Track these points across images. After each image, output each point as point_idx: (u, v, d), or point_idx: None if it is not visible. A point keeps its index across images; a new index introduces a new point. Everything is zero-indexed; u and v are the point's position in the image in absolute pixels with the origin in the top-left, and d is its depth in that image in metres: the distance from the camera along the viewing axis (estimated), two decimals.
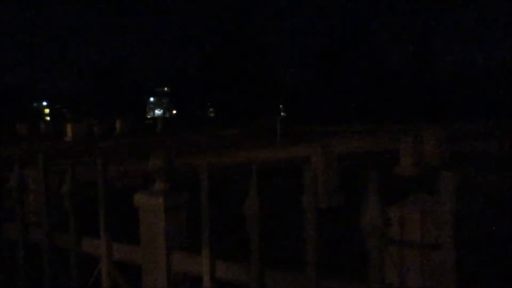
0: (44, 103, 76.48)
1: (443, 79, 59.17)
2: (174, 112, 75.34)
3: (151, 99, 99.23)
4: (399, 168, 11.39)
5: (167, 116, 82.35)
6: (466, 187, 9.47)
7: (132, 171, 13.31)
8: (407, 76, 58.16)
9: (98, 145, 22.15)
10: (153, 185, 2.48)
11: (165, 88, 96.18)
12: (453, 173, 1.61)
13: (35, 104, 73.36)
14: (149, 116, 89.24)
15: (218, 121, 51.71)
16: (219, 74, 60.15)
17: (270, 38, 64.38)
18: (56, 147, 23.26)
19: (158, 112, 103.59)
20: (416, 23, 60.61)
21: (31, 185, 6.99)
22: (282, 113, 64.03)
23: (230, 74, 59.20)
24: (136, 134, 31.35)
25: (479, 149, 15.10)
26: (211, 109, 70.36)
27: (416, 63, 59.13)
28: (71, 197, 2.77)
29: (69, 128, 28.94)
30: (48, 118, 59.93)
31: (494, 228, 6.70)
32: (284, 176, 11.60)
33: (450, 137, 13.71)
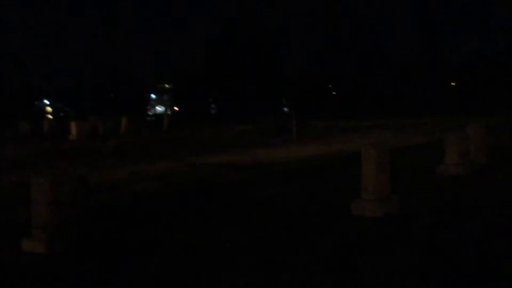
0: (46, 101, 75.33)
1: (451, 71, 58.18)
2: (176, 109, 74.32)
3: (152, 96, 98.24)
4: (444, 167, 10.30)
5: (169, 113, 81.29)
6: None
7: (148, 172, 12.26)
8: (416, 69, 57.16)
9: (107, 144, 21.11)
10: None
11: (166, 85, 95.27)
12: None
13: (36, 103, 72.20)
14: (150, 113, 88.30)
15: (223, 117, 50.65)
16: (221, 70, 59.09)
17: (273, 32, 63.04)
18: (61, 146, 22.21)
19: (159, 109, 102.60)
20: (425, 13, 59.29)
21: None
22: (285, 109, 63.06)
23: (232, 70, 58.10)
24: (142, 131, 30.32)
25: None
26: (212, 106, 69.36)
27: (425, 55, 58.07)
28: None
29: (73, 126, 27.83)
30: (50, 117, 58.81)
31: None
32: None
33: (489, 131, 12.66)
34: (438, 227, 6.40)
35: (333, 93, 58.22)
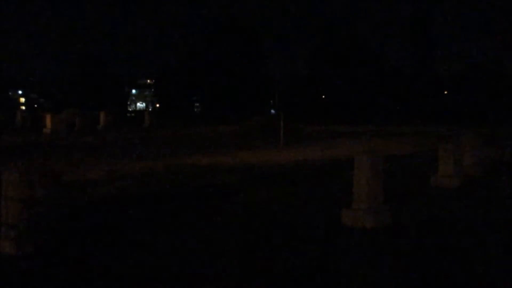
0: (19, 92, 74.46)
1: (446, 78, 58.79)
2: (158, 105, 73.95)
3: (133, 91, 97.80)
4: (437, 178, 10.33)
5: (150, 109, 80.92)
6: None
7: (125, 171, 12.12)
8: (409, 75, 57.70)
9: (84, 140, 20.90)
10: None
11: (148, 80, 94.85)
12: None
13: (10, 93, 71.35)
14: (130, 109, 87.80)
15: (207, 117, 50.52)
16: (207, 66, 58.91)
17: (262, 30, 63.24)
18: (35, 140, 21.93)
19: (140, 105, 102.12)
20: (419, 18, 59.94)
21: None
22: (272, 111, 63.10)
23: (219, 67, 57.97)
24: (121, 128, 30.10)
25: None
26: (196, 104, 69.14)
27: (418, 62, 58.65)
28: None
29: (48, 119, 27.51)
30: (23, 108, 58.10)
31: None
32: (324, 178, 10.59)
33: (488, 142, 12.74)
34: (429, 241, 6.40)
35: (322, 96, 58.40)
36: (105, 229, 6.87)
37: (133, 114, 62.42)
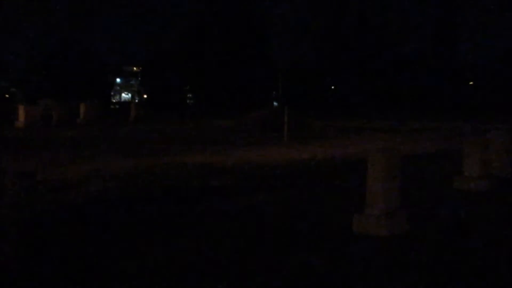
0: None
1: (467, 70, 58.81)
2: (145, 96, 73.94)
3: (118, 80, 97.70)
4: (461, 180, 10.31)
5: (137, 101, 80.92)
6: None
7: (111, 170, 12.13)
8: (430, 66, 57.59)
9: (62, 134, 20.92)
10: None
11: (134, 68, 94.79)
12: None
13: None
14: (114, 100, 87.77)
15: (201, 109, 50.51)
16: (201, 53, 58.82)
17: (264, 11, 62.94)
18: (6, 134, 21.94)
19: (125, 95, 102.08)
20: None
21: None
22: (274, 103, 63.10)
23: (214, 53, 57.87)
24: (104, 121, 30.13)
25: None
26: (189, 95, 69.12)
27: (442, 49, 58.59)
28: None
29: (21, 111, 27.54)
30: None
31: None
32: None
33: None
34: (452, 253, 6.38)
35: (332, 87, 58.38)
36: (78, 239, 6.79)
37: (117, 106, 62.49)
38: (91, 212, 8.25)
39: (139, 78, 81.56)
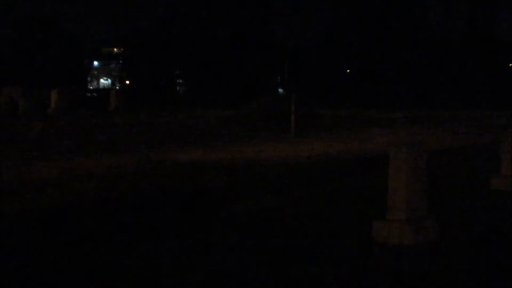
0: None
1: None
2: (128, 82, 74.00)
3: (95, 63, 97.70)
4: (499, 180, 10.34)
5: (118, 87, 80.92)
6: None
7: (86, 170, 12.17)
8: (463, 49, 57.42)
9: (31, 127, 20.93)
10: None
11: (115, 49, 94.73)
12: None
13: None
14: (91, 87, 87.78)
15: (194, 98, 50.47)
16: (194, 31, 58.75)
17: None
18: None
19: (104, 81, 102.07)
20: None
21: None
22: (280, 90, 63.14)
23: (209, 31, 57.80)
24: (80, 111, 30.13)
25: None
26: (180, 81, 69.13)
27: (474, 28, 58.42)
28: None
29: None
30: None
31: None
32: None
33: None
34: (488, 264, 6.40)
35: (347, 71, 58.29)
36: (45, 253, 6.79)
37: (95, 94, 62.39)
38: (56, 220, 8.22)
39: (120, 61, 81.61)
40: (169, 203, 9.34)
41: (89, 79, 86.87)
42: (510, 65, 59.09)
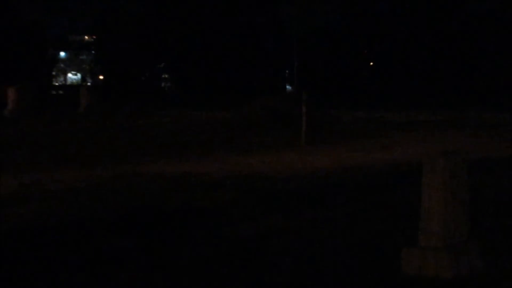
0: None
1: None
2: (101, 78, 74.22)
3: (62, 54, 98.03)
4: None
5: (89, 84, 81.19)
6: None
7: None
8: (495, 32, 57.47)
9: None
10: None
11: (86, 37, 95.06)
12: None
13: None
14: (57, 83, 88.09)
15: (183, 96, 50.67)
16: (182, 14, 59.01)
17: None
18: None
19: (73, 76, 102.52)
20: None
21: None
22: (288, 87, 63.34)
23: (201, 15, 58.03)
24: (43, 113, 30.24)
25: None
26: (165, 76, 69.30)
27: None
28: None
29: None
30: None
31: None
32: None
33: None
34: None
35: (371, 63, 58.44)
36: None
37: (61, 92, 62.62)
38: (24, 244, 8.26)
39: (93, 52, 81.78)
40: (146, 225, 9.34)
41: (54, 73, 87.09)
42: None
